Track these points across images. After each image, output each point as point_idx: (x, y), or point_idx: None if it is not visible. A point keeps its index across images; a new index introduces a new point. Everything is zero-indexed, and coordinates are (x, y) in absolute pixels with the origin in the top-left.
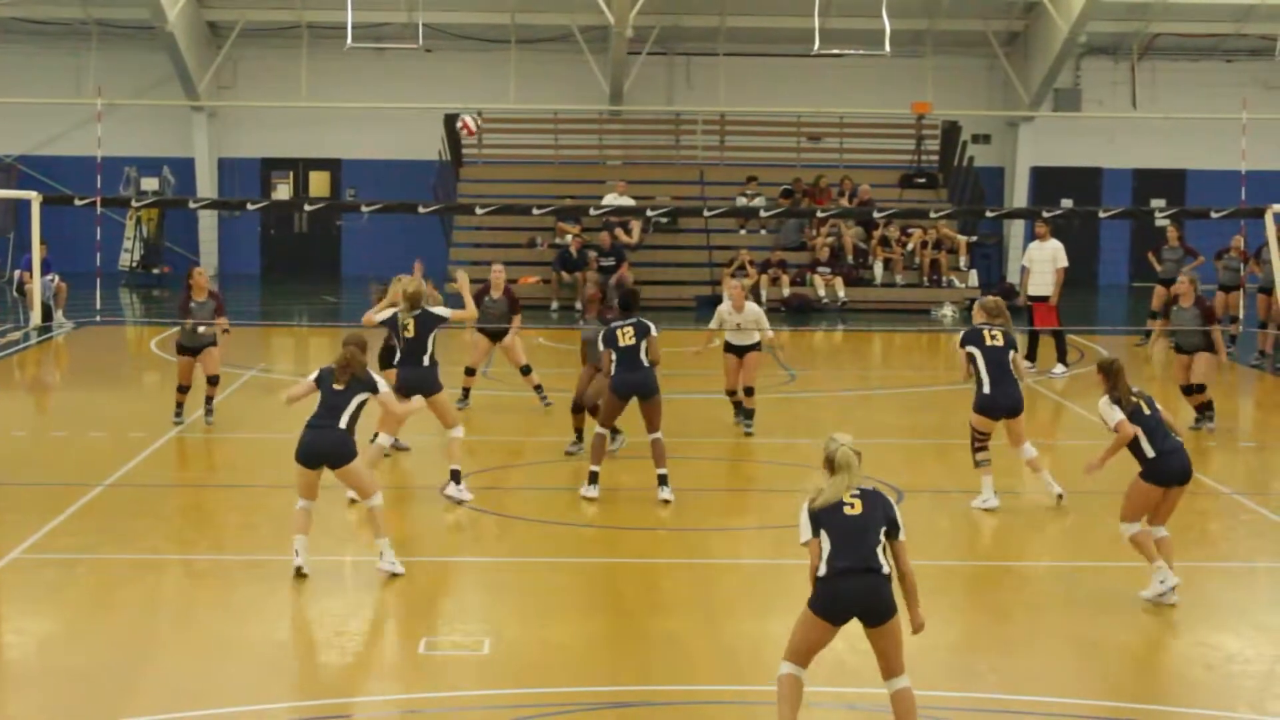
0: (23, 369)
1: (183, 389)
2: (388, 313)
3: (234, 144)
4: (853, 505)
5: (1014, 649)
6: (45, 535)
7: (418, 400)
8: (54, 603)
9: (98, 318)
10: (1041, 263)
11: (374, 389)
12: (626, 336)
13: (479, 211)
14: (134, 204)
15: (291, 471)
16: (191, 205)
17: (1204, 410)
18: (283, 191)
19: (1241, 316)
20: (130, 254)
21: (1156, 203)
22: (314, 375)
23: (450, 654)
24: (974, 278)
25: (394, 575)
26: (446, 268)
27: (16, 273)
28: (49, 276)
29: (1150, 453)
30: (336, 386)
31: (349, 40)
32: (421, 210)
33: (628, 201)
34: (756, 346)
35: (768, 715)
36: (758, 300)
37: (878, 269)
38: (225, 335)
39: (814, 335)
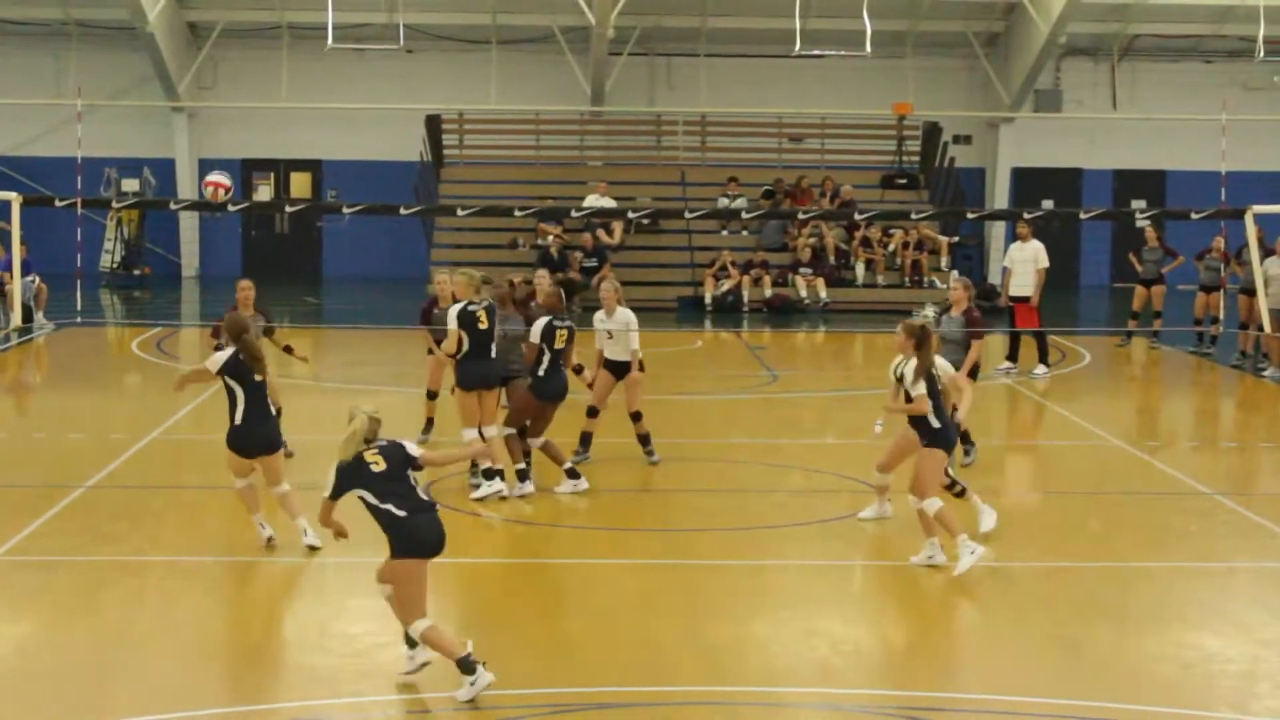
0: (3, 370)
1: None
2: (456, 306)
3: (215, 145)
4: (377, 463)
5: (995, 650)
6: (25, 538)
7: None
8: (34, 605)
9: (79, 319)
10: (1023, 263)
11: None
12: (562, 339)
13: (460, 213)
14: (115, 205)
15: (234, 463)
16: (172, 206)
17: (965, 439)
18: (264, 192)
19: (1223, 317)
20: (111, 255)
21: (1137, 203)
22: (221, 366)
23: (434, 655)
24: (955, 279)
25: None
26: (428, 269)
27: None
28: (29, 277)
29: (936, 424)
30: (258, 378)
31: (329, 41)
32: (403, 211)
33: (609, 203)
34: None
35: (751, 716)
36: (740, 302)
37: (859, 270)
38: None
39: (796, 336)
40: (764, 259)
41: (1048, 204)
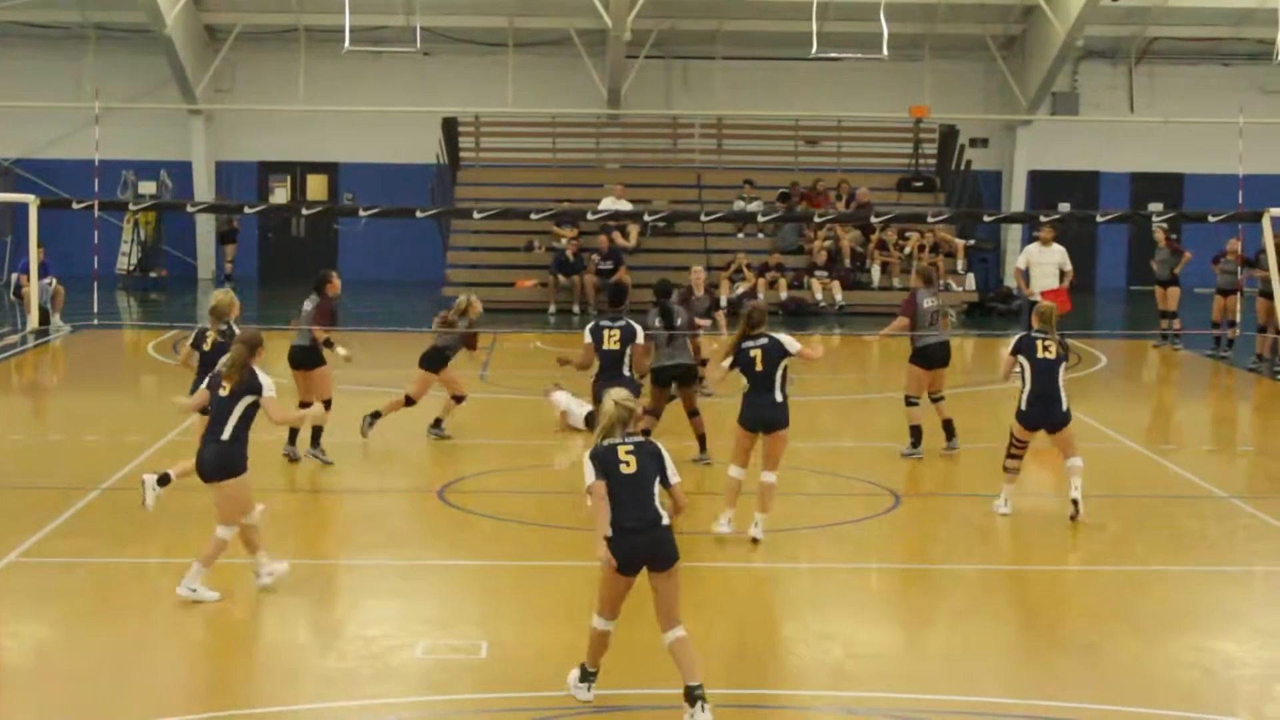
0: (20, 372)
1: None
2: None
3: (231, 147)
4: (628, 463)
5: (1012, 653)
6: (43, 539)
7: (317, 408)
8: (50, 607)
9: (95, 321)
10: (1047, 266)
11: (258, 390)
12: (611, 339)
13: (477, 215)
14: (131, 207)
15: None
16: (189, 209)
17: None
18: (280, 195)
19: (1239, 320)
20: (128, 257)
21: (1154, 206)
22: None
23: (448, 658)
24: (971, 281)
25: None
26: (444, 272)
27: (14, 276)
28: (46, 280)
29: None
30: (221, 392)
31: (347, 44)
32: (419, 214)
33: (625, 205)
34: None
35: (763, 719)
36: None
37: (875, 273)
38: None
39: (811, 339)
40: (780, 262)
41: (1065, 207)
